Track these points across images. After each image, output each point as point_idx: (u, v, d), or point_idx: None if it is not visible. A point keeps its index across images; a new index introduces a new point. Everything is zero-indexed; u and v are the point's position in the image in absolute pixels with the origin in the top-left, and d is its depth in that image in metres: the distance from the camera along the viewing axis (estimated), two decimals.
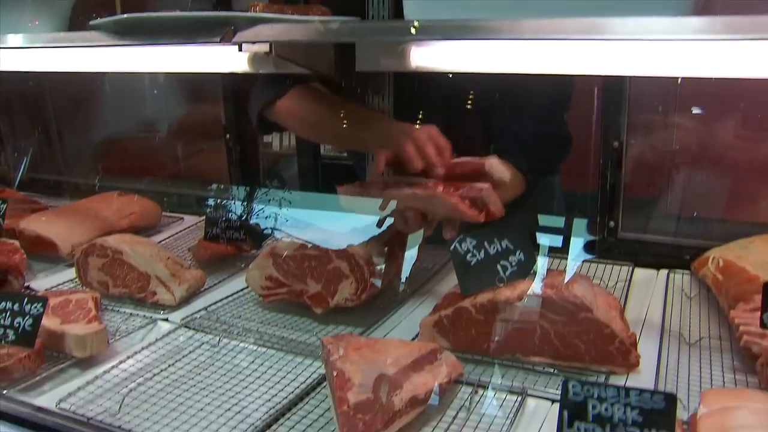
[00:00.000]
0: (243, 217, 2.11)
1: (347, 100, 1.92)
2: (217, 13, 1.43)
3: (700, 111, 2.22)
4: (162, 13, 1.43)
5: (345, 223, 1.80)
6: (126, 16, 1.45)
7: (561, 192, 2.21)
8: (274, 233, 2.16)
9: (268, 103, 2.01)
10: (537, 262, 1.50)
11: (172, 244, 2.33)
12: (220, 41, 1.38)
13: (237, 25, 1.39)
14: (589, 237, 2.06)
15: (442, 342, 1.50)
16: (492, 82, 1.84)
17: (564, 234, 2.01)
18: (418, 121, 2.10)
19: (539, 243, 1.72)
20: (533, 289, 1.43)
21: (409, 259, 1.87)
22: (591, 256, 2.02)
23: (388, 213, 1.81)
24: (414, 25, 1.20)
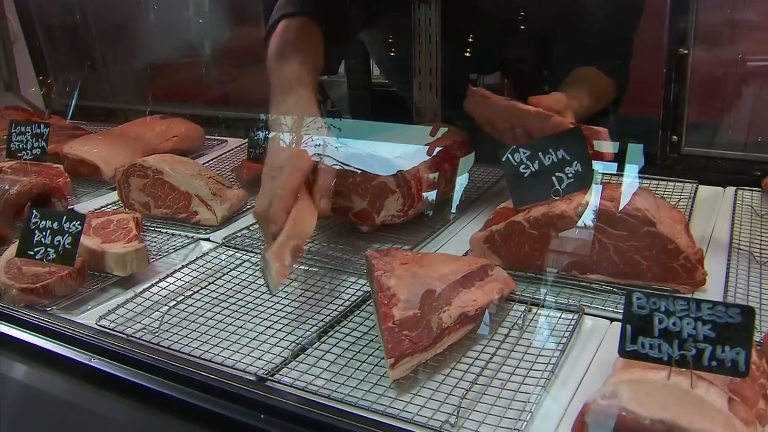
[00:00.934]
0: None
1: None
2: None
3: None
4: None
5: (395, 151, 1.72)
6: None
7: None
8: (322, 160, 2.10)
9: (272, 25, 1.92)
10: (595, 174, 1.40)
11: (216, 166, 2.29)
12: None
13: None
14: (649, 152, 1.94)
15: (494, 259, 1.42)
16: None
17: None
18: (470, 38, 1.99)
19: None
20: (591, 202, 1.33)
21: (459, 184, 1.79)
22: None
23: (437, 139, 1.73)
24: None
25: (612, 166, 1.80)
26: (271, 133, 1.55)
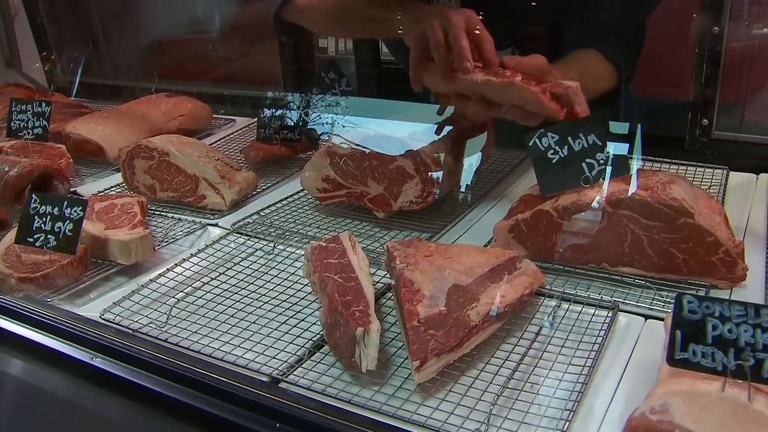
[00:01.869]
0: (298, 119, 1.97)
1: None
2: None
3: None
4: None
5: (404, 131, 1.65)
6: None
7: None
8: (331, 139, 2.03)
9: (284, 1, 1.86)
10: (629, 161, 1.32)
11: (224, 147, 2.21)
12: None
13: None
14: (678, 136, 1.85)
15: (519, 249, 1.34)
16: None
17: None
18: (486, 15, 1.90)
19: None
20: (624, 191, 1.25)
21: (470, 165, 1.70)
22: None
23: (447, 118, 1.65)
24: None
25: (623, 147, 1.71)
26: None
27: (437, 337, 1.01)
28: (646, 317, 1.17)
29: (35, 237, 1.37)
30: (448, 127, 1.63)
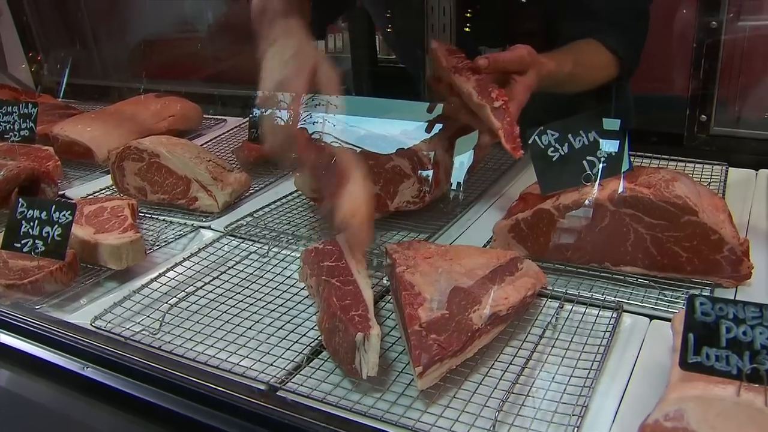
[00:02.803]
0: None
1: None
2: None
3: None
4: None
5: (395, 129, 1.62)
6: None
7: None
8: (322, 138, 2.00)
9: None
10: (630, 158, 1.29)
11: (215, 147, 2.18)
12: None
13: None
14: (676, 132, 1.83)
15: (519, 249, 1.32)
16: None
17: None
18: (482, 11, 1.87)
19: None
20: (626, 189, 1.22)
21: (465, 163, 1.67)
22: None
23: (438, 115, 1.61)
24: None
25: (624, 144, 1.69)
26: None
27: (440, 341, 0.98)
28: (651, 317, 1.14)
29: (23, 242, 1.33)
30: (438, 125, 1.60)
